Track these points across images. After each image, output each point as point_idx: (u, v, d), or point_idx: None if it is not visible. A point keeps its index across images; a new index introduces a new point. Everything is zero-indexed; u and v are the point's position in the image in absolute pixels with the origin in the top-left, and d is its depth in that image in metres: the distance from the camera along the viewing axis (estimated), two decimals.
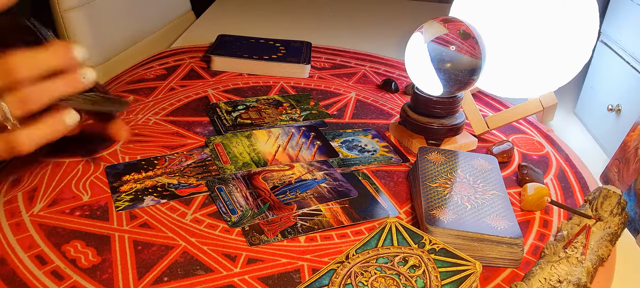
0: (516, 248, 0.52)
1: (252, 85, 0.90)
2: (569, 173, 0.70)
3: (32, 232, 0.53)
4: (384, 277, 0.45)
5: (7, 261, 0.50)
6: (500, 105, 0.89)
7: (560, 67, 0.75)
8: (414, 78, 0.71)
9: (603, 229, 0.56)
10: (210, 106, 0.81)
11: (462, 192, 0.58)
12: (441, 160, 0.64)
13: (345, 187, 0.63)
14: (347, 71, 0.99)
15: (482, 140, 0.77)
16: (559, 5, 0.72)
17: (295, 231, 0.55)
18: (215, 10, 1.37)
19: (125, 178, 0.62)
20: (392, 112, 0.84)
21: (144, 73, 0.92)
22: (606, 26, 0.87)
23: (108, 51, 1.06)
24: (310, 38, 1.08)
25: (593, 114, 0.87)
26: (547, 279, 0.49)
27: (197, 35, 1.19)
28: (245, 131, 0.74)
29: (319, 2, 1.47)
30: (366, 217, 0.59)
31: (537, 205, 0.61)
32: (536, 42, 0.73)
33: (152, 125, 0.75)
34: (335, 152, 0.71)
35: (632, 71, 0.77)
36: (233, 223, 0.56)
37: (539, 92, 0.79)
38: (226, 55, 0.95)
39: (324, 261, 0.52)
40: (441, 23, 0.67)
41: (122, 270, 0.50)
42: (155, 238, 0.54)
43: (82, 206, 0.58)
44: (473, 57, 0.66)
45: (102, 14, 1.04)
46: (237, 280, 0.49)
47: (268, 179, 0.64)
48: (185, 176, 0.64)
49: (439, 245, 0.49)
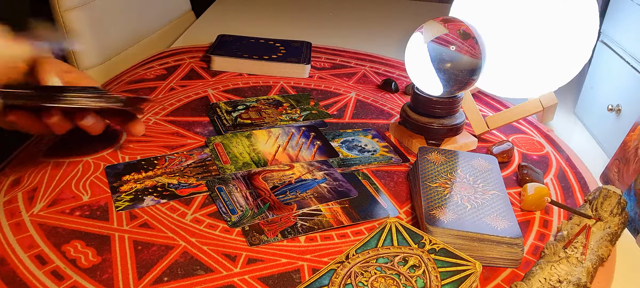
0: (516, 248, 0.52)
1: (252, 85, 0.90)
2: (569, 173, 0.70)
3: (32, 232, 0.53)
4: (384, 277, 0.45)
5: (7, 261, 0.50)
6: (500, 105, 0.89)
7: (560, 67, 0.75)
8: (414, 78, 0.71)
9: (603, 229, 0.56)
10: (210, 106, 0.81)
11: (462, 192, 0.58)
12: (441, 160, 0.64)
13: (345, 187, 0.63)
14: (347, 71, 0.99)
15: (482, 140, 0.77)
16: (559, 5, 0.72)
17: (295, 231, 0.55)
18: (215, 10, 1.37)
19: (125, 178, 0.62)
20: (392, 112, 0.84)
21: (144, 73, 0.92)
22: (606, 26, 0.87)
23: (108, 51, 1.06)
24: (310, 38, 1.08)
25: (593, 114, 0.87)
26: (547, 279, 0.49)
27: (197, 35, 1.19)
28: (245, 131, 0.74)
29: (319, 2, 1.47)
30: (366, 217, 0.58)
31: (537, 205, 0.61)
32: (536, 42, 0.73)
33: (152, 125, 0.75)
34: (335, 152, 0.71)
35: (632, 71, 0.77)
36: (233, 223, 0.56)
37: (539, 92, 0.79)
38: (226, 55, 0.95)
39: (324, 261, 0.52)
40: (441, 23, 0.67)
41: (122, 270, 0.49)
42: (155, 238, 0.54)
43: (82, 206, 0.58)
44: (473, 57, 0.66)
45: (102, 14, 1.04)
46: (237, 280, 0.49)
47: (268, 179, 0.64)
48: (185, 176, 0.64)
49: (439, 245, 0.49)
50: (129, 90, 0.85)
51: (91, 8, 1.00)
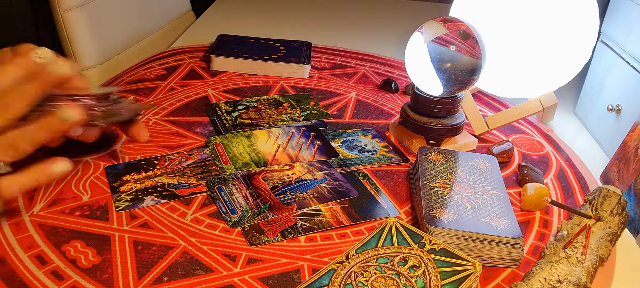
0: (516, 248, 0.52)
1: (252, 85, 0.90)
2: (569, 173, 0.70)
3: (32, 232, 0.53)
4: (384, 277, 0.45)
5: (7, 261, 0.50)
6: (500, 105, 0.89)
7: (560, 67, 0.75)
8: (414, 78, 0.71)
9: (603, 229, 0.56)
10: (210, 106, 0.81)
11: (462, 192, 0.58)
12: (441, 160, 0.64)
13: (345, 187, 0.63)
14: (347, 71, 0.99)
15: (482, 140, 0.77)
16: (559, 5, 0.72)
17: (295, 231, 0.55)
18: (215, 10, 1.37)
19: (125, 178, 0.62)
20: (392, 112, 0.84)
21: (144, 73, 0.92)
22: (606, 26, 0.87)
23: (108, 51, 1.06)
24: (310, 38, 1.08)
25: (593, 114, 0.87)
26: (547, 279, 0.49)
27: (197, 35, 1.19)
28: (245, 131, 0.74)
29: (319, 2, 1.47)
30: (366, 217, 0.58)
31: (537, 205, 0.61)
32: (536, 42, 0.73)
33: (152, 125, 0.75)
34: (335, 152, 0.71)
35: (632, 71, 0.77)
36: (233, 223, 0.56)
37: (539, 92, 0.79)
38: (226, 55, 0.95)
39: (324, 261, 0.52)
40: (441, 23, 0.67)
41: (122, 270, 0.49)
42: (155, 238, 0.54)
43: (82, 206, 0.58)
44: (473, 57, 0.66)
45: (102, 14, 1.04)
46: (237, 280, 0.49)
47: (268, 179, 0.64)
48: (185, 176, 0.64)
49: (439, 245, 0.49)
50: (128, 91, 0.85)
51: (91, 8, 1.00)
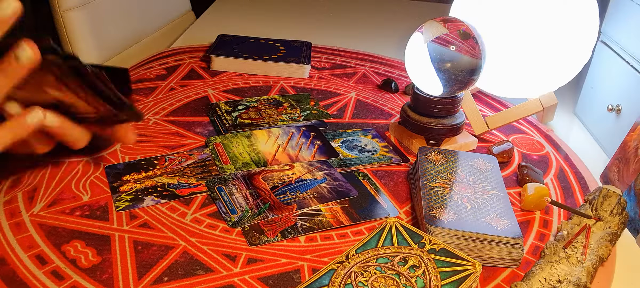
0: (516, 248, 0.52)
1: (252, 85, 0.90)
2: (569, 173, 0.70)
3: (32, 232, 0.53)
4: (384, 277, 0.45)
5: (7, 261, 0.50)
6: (500, 105, 0.89)
7: (560, 67, 0.75)
8: (414, 78, 0.71)
9: (603, 229, 0.56)
10: (210, 106, 0.81)
11: (462, 192, 0.58)
12: (441, 160, 0.64)
13: (345, 187, 0.63)
14: (347, 71, 0.99)
15: (482, 140, 0.77)
16: (559, 5, 0.72)
17: (295, 231, 0.55)
18: (215, 10, 1.37)
19: (125, 178, 0.62)
20: (392, 112, 0.84)
21: (144, 73, 0.92)
22: (606, 26, 0.87)
23: (108, 51, 1.06)
24: (310, 38, 1.08)
25: (593, 114, 0.87)
26: (547, 279, 0.49)
27: (197, 35, 1.19)
28: (245, 131, 0.74)
29: (319, 2, 1.47)
30: (366, 217, 0.58)
31: (537, 205, 0.61)
32: (536, 42, 0.73)
33: (152, 125, 0.75)
34: (335, 152, 0.71)
35: (632, 71, 0.77)
36: (233, 223, 0.56)
37: (539, 92, 0.79)
38: (226, 55, 0.95)
39: (324, 261, 0.52)
40: (441, 23, 0.67)
41: (122, 270, 0.50)
42: (155, 238, 0.54)
43: (82, 206, 0.58)
44: (473, 57, 0.66)
45: (102, 14, 1.04)
46: (237, 280, 0.49)
47: (268, 179, 0.64)
48: (185, 176, 0.64)
49: (439, 245, 0.49)
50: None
51: (91, 8, 1.00)
